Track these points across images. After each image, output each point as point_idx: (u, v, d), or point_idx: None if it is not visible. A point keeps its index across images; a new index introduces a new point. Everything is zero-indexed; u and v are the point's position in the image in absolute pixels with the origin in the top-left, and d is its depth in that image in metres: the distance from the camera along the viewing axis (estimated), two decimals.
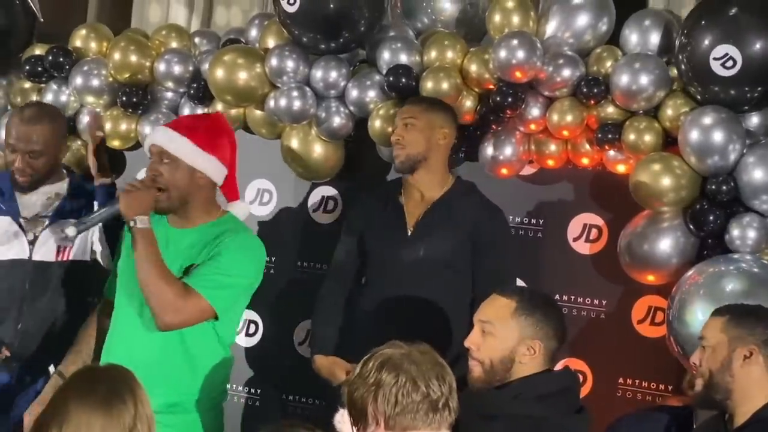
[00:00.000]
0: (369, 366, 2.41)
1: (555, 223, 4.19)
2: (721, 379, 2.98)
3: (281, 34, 4.27)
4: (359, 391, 2.40)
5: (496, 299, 3.08)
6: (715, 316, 3.08)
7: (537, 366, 2.99)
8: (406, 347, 2.45)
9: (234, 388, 4.59)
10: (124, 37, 4.54)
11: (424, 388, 2.37)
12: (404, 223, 3.87)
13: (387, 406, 2.36)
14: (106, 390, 2.26)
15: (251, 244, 3.49)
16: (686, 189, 3.72)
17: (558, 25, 4.00)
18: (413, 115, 3.86)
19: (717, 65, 3.58)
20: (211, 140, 3.47)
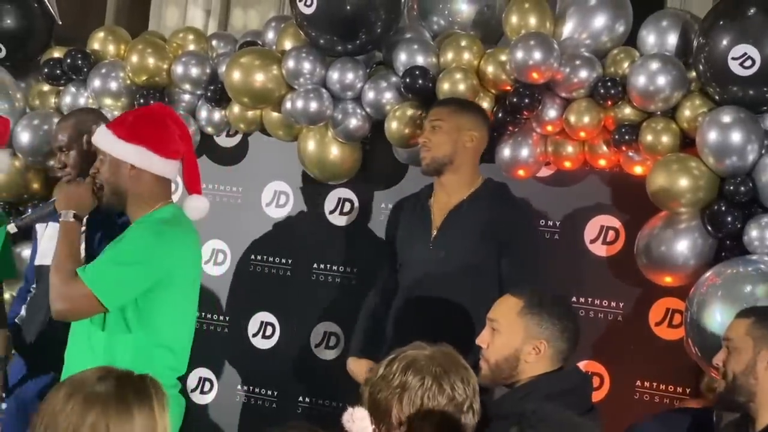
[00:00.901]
0: (393, 368, 2.40)
1: (572, 225, 4.18)
2: (745, 381, 2.95)
3: (298, 36, 4.28)
4: (383, 393, 2.39)
5: (506, 299, 3.08)
6: (740, 317, 3.06)
7: (544, 366, 2.97)
8: (430, 348, 2.45)
9: (251, 390, 4.61)
10: (141, 40, 4.56)
11: (450, 391, 2.37)
12: (430, 225, 3.88)
13: (412, 409, 2.36)
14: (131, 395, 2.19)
15: (157, 233, 3.27)
16: (704, 190, 3.71)
17: (575, 26, 3.99)
18: (440, 117, 3.85)
19: (735, 65, 3.57)
20: (136, 130, 3.32)
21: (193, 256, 3.40)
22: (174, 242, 3.29)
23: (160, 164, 3.33)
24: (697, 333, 3.59)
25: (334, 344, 4.52)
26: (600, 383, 4.09)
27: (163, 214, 3.33)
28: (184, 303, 3.37)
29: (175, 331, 3.35)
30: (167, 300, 3.28)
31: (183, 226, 3.36)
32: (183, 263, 3.31)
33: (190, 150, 3.45)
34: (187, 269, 3.33)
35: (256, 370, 4.60)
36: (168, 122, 3.38)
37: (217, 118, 4.51)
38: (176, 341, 3.35)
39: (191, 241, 3.37)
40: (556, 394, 2.91)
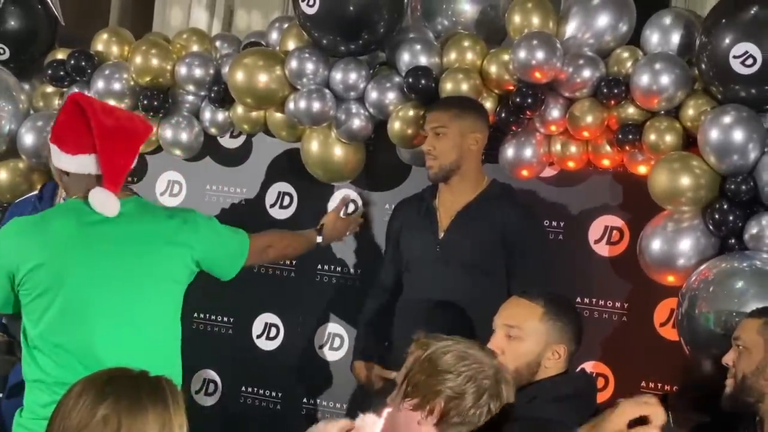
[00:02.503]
0: (457, 365, 2.41)
1: (576, 225, 4.16)
2: (755, 382, 2.95)
3: (301, 37, 4.27)
4: (432, 380, 2.40)
5: (520, 302, 3.05)
6: (751, 317, 3.05)
7: (558, 369, 2.97)
8: (492, 360, 2.46)
9: (255, 392, 4.60)
10: (145, 41, 4.56)
11: (491, 409, 2.39)
12: (436, 226, 3.87)
13: (451, 412, 2.37)
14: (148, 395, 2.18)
15: (2, 230, 3.24)
16: (705, 189, 3.69)
17: (578, 26, 3.98)
18: (443, 124, 3.83)
19: (737, 63, 3.55)
20: (53, 128, 3.26)
21: (33, 249, 3.15)
22: (8, 239, 3.19)
23: (69, 161, 3.20)
24: (688, 329, 3.58)
25: (338, 345, 4.51)
26: (605, 384, 4.07)
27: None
28: (43, 298, 3.16)
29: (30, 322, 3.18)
30: (26, 300, 3.17)
31: (39, 221, 3.22)
32: (22, 258, 3.13)
33: (104, 140, 3.15)
34: (31, 263, 3.13)
35: (261, 371, 4.59)
36: (77, 113, 3.19)
37: (221, 119, 4.51)
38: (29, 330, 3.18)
39: (31, 233, 3.17)
40: (563, 397, 2.90)
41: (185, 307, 3.47)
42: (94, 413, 2.10)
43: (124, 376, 2.21)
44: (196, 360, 4.56)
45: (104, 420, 2.10)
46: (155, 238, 3.26)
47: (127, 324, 3.19)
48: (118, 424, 2.10)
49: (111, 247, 3.19)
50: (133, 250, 3.21)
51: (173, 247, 3.28)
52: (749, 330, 3.01)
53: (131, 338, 3.18)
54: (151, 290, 3.25)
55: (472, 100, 3.94)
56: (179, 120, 4.52)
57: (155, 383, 2.19)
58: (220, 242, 3.43)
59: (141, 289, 3.22)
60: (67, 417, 2.12)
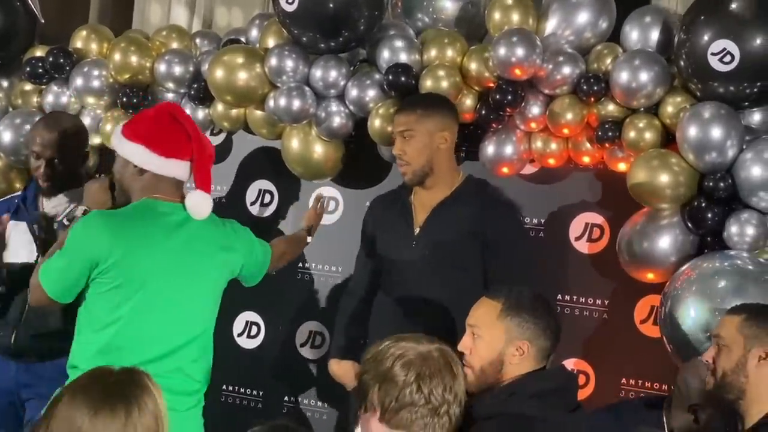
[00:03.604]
0: (386, 354, 2.41)
1: (556, 223, 4.17)
2: (735, 379, 2.95)
3: (281, 34, 4.26)
4: (369, 374, 2.41)
5: (482, 302, 3.04)
6: (730, 314, 3.05)
7: (528, 366, 2.95)
8: (427, 345, 2.44)
9: (236, 390, 4.59)
10: (124, 38, 4.54)
11: (427, 393, 2.37)
12: (412, 223, 3.86)
13: (387, 399, 2.36)
14: (99, 396, 2.20)
15: (85, 220, 3.35)
16: (684, 186, 3.70)
17: (558, 23, 3.97)
18: (410, 127, 3.80)
19: (715, 60, 3.56)
20: (139, 129, 3.38)
21: (119, 241, 3.29)
22: (92, 224, 3.31)
23: (159, 163, 3.35)
24: (671, 328, 3.59)
25: (319, 344, 4.50)
26: (585, 381, 4.08)
27: (130, 206, 3.39)
28: (124, 289, 3.31)
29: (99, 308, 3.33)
30: (104, 289, 3.30)
31: (121, 215, 3.35)
32: (110, 248, 3.27)
33: (201, 151, 3.40)
34: (115, 253, 3.27)
35: (241, 369, 4.58)
36: (172, 121, 3.39)
37: (201, 117, 4.49)
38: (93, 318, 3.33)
39: (117, 226, 3.31)
40: (541, 393, 2.89)
41: None
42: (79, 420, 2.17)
43: (103, 376, 2.23)
44: None
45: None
46: (215, 243, 3.46)
47: (189, 322, 3.41)
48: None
49: (187, 247, 3.38)
50: (202, 251, 3.41)
51: (227, 252, 3.50)
52: (729, 327, 3.01)
53: (189, 336, 3.40)
54: (210, 291, 3.49)
55: (437, 98, 3.91)
56: None
57: (125, 387, 2.21)
58: (254, 250, 3.65)
59: (204, 290, 3.45)
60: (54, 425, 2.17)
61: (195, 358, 3.40)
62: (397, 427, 2.38)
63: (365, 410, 2.44)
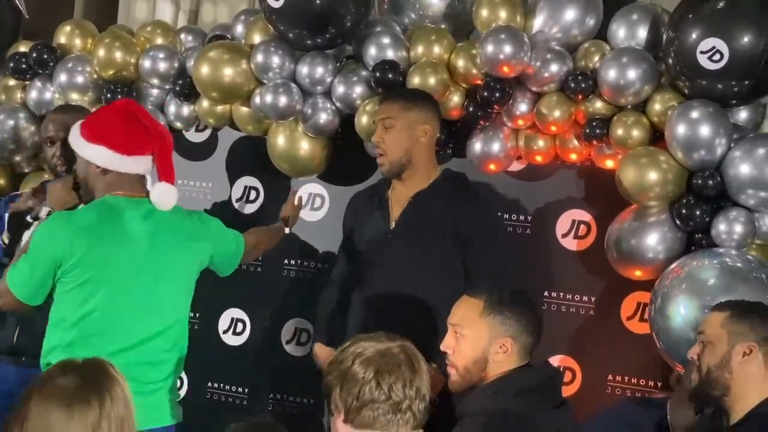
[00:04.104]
0: (345, 353, 2.40)
1: (543, 220, 4.17)
2: (720, 375, 2.95)
3: (267, 30, 4.24)
4: (331, 376, 2.40)
5: (464, 301, 3.05)
6: (715, 311, 3.05)
7: (512, 362, 2.95)
8: (387, 343, 2.43)
9: (221, 387, 4.58)
10: (108, 34, 4.51)
11: (386, 390, 2.35)
12: (388, 216, 3.84)
13: (349, 398, 2.35)
14: (71, 388, 2.22)
15: (47, 222, 3.38)
16: (673, 183, 3.71)
17: (545, 20, 3.97)
18: (391, 116, 3.79)
19: (704, 59, 3.56)
20: (99, 130, 3.38)
21: (80, 240, 3.29)
22: (56, 226, 3.32)
23: (122, 162, 3.37)
24: (661, 325, 3.60)
25: (305, 341, 4.50)
26: (572, 378, 4.09)
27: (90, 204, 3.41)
28: (89, 286, 3.31)
29: (66, 309, 3.33)
30: (69, 287, 3.32)
31: (82, 214, 3.36)
32: (71, 248, 3.28)
33: (162, 143, 3.41)
34: (76, 252, 3.28)
35: (227, 366, 4.57)
36: (129, 118, 3.39)
37: (186, 113, 4.48)
38: (60, 316, 3.33)
39: (78, 225, 3.31)
40: (526, 390, 2.90)
41: None
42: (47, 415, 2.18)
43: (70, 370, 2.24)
44: None
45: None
46: (181, 233, 3.44)
47: (160, 314, 3.40)
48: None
49: (153, 239, 3.37)
50: (168, 243, 3.40)
51: (194, 241, 3.49)
52: (713, 323, 3.01)
53: (161, 327, 3.39)
54: (180, 282, 3.46)
55: (421, 92, 3.90)
56: None
57: (95, 378, 2.22)
58: (225, 239, 3.65)
59: (173, 281, 3.43)
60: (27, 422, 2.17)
61: (167, 349, 3.41)
62: (361, 427, 2.36)
63: (331, 413, 2.43)
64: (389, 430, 2.34)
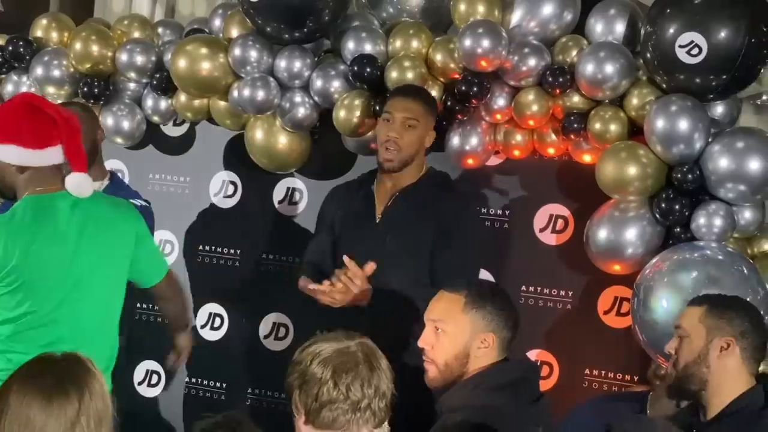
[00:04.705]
0: (304, 353, 2.38)
1: (521, 214, 4.18)
2: (697, 370, 2.93)
3: (245, 24, 4.23)
4: (291, 377, 2.38)
5: (443, 295, 3.02)
6: (692, 305, 3.04)
7: (492, 357, 2.94)
8: (347, 342, 2.40)
9: (199, 382, 4.57)
10: (85, 27, 4.49)
11: (344, 390, 2.33)
12: (374, 210, 3.84)
13: (308, 400, 2.33)
14: (51, 382, 2.21)
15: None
16: (652, 178, 3.72)
17: (523, 14, 3.97)
18: (417, 117, 3.77)
19: (682, 53, 3.57)
20: (4, 129, 3.35)
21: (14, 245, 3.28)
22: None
23: (36, 156, 3.33)
24: (643, 319, 3.61)
25: (283, 335, 4.49)
26: (549, 372, 4.10)
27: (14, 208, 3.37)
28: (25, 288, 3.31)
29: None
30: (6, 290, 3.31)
31: (11, 219, 3.33)
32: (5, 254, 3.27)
33: (68, 129, 3.35)
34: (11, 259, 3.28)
35: (205, 362, 4.54)
36: (32, 110, 3.34)
37: (164, 107, 4.46)
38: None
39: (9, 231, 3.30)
40: (504, 384, 2.89)
41: (128, 301, 3.49)
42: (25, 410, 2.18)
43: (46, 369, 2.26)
44: (139, 350, 4.52)
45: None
46: (107, 219, 3.41)
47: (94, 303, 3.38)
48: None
49: (80, 232, 3.34)
50: (97, 232, 3.37)
51: (121, 225, 3.45)
52: (691, 318, 3.00)
53: (96, 316, 3.38)
54: (112, 270, 3.44)
55: (430, 94, 3.93)
56: (121, 108, 4.46)
57: (74, 373, 2.22)
58: (151, 241, 3.63)
59: (106, 269, 3.41)
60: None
61: (103, 338, 3.41)
62: (321, 428, 2.33)
63: (294, 414, 2.40)
64: (350, 429, 2.31)
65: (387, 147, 3.77)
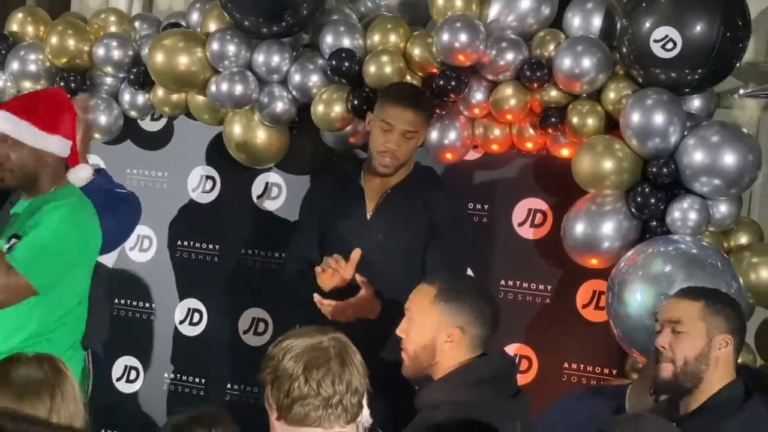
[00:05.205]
0: (277, 349, 2.38)
1: (500, 208, 4.18)
2: (697, 368, 2.89)
3: (223, 18, 4.21)
4: (263, 373, 2.37)
5: (420, 287, 3.05)
6: (686, 299, 2.97)
7: (461, 352, 2.94)
8: (319, 337, 2.38)
9: (178, 378, 4.55)
10: (61, 21, 4.46)
11: (315, 386, 2.31)
12: (364, 207, 3.83)
13: (280, 396, 2.32)
14: (22, 381, 2.20)
15: (73, 213, 3.40)
16: (628, 172, 3.73)
17: (501, 9, 3.97)
18: (417, 129, 3.76)
19: (657, 47, 3.58)
20: (52, 120, 3.44)
21: (97, 234, 3.50)
22: (85, 220, 3.44)
23: (66, 148, 3.48)
24: (618, 313, 3.61)
25: (262, 330, 4.48)
26: (528, 366, 4.10)
27: (69, 192, 3.47)
28: (85, 275, 3.49)
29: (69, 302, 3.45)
30: (79, 274, 3.45)
31: (90, 206, 3.47)
32: (92, 242, 3.47)
33: (75, 127, 3.56)
34: (93, 247, 3.49)
35: (184, 357, 4.54)
36: (69, 106, 3.52)
37: (141, 102, 4.44)
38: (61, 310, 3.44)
39: (96, 220, 3.48)
40: (482, 380, 2.90)
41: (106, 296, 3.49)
42: None
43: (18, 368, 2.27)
44: (117, 347, 4.49)
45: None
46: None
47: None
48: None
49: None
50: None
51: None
52: (690, 313, 2.92)
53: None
54: None
55: (429, 99, 3.91)
56: (98, 102, 4.43)
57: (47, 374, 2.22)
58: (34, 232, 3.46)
59: None
60: None
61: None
62: (293, 423, 2.31)
63: (268, 410, 2.38)
64: (322, 425, 2.30)
65: (385, 156, 3.76)
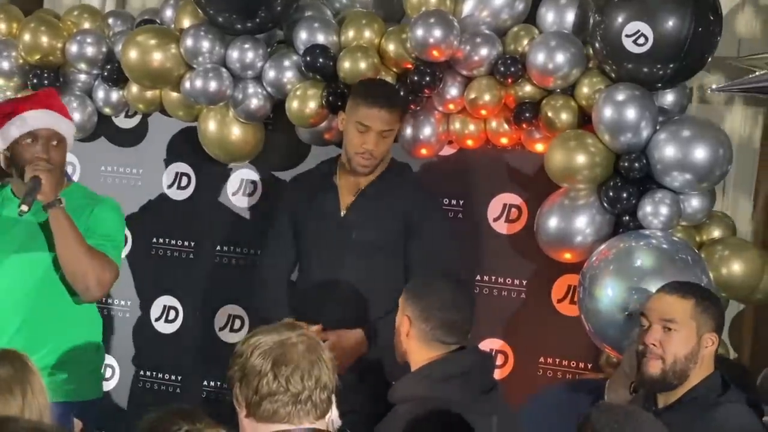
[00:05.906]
0: (245, 346, 2.37)
1: (475, 204, 4.18)
2: (685, 366, 2.90)
3: (196, 14, 4.20)
4: (232, 370, 2.36)
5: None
6: (680, 297, 2.96)
7: (416, 347, 2.95)
8: (288, 333, 2.38)
9: (154, 375, 4.54)
10: (34, 18, 4.44)
11: (284, 382, 2.31)
12: (338, 204, 3.83)
13: (249, 392, 2.31)
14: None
15: (118, 205, 3.77)
16: (600, 166, 3.74)
17: (475, 4, 3.97)
18: (392, 127, 3.77)
19: (629, 42, 3.59)
20: (63, 109, 3.73)
21: None
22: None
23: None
24: (588, 308, 3.63)
25: (238, 327, 4.47)
26: (504, 361, 4.11)
27: (86, 189, 3.79)
28: None
29: None
30: None
31: None
32: None
33: None
34: None
35: (160, 354, 4.53)
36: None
37: (115, 99, 4.42)
38: None
39: None
40: (452, 375, 2.90)
41: None
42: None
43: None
44: None
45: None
46: None
47: None
48: None
49: None
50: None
51: None
52: (681, 311, 2.92)
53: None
54: None
55: (402, 97, 3.93)
56: (71, 99, 4.40)
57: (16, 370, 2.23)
58: None
59: None
60: None
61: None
62: (263, 420, 2.31)
63: (237, 408, 2.39)
64: (291, 421, 2.30)
65: (363, 156, 3.75)
